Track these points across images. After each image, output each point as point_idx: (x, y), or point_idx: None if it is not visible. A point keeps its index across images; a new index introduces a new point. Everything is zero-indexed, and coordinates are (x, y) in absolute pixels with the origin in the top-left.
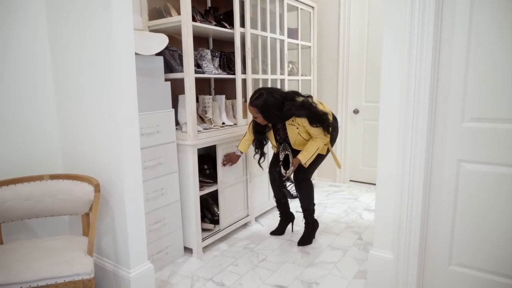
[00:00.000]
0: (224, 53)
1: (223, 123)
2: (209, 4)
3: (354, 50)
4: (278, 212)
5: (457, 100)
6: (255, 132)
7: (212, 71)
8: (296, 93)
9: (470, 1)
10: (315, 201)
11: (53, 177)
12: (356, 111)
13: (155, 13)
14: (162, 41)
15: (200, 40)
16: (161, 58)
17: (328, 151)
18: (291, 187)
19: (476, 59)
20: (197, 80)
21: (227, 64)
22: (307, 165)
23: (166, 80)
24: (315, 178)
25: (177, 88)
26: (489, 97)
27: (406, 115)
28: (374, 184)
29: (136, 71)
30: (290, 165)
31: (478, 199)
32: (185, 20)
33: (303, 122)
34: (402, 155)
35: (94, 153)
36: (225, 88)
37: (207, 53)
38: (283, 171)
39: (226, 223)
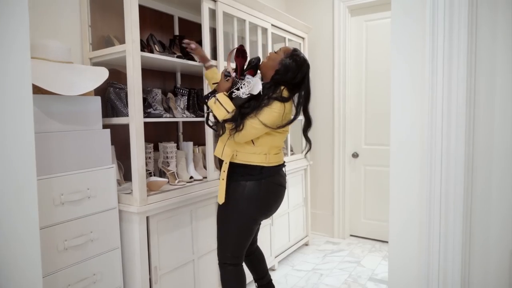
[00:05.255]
0: (194, 91)
1: (191, 177)
2: (176, 33)
3: (351, 85)
4: None
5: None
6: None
7: (162, 114)
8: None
9: None
10: (309, 265)
11: None
12: (355, 155)
13: (103, 43)
14: (97, 77)
15: (165, 75)
16: (97, 98)
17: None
18: None
19: None
20: (162, 124)
21: (198, 103)
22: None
23: (106, 126)
24: (309, 233)
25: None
26: None
27: (430, 183)
28: (378, 241)
29: (57, 116)
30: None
31: None
32: (130, 50)
33: None
34: (426, 242)
35: None
36: (196, 133)
37: (157, 93)
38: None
39: None
